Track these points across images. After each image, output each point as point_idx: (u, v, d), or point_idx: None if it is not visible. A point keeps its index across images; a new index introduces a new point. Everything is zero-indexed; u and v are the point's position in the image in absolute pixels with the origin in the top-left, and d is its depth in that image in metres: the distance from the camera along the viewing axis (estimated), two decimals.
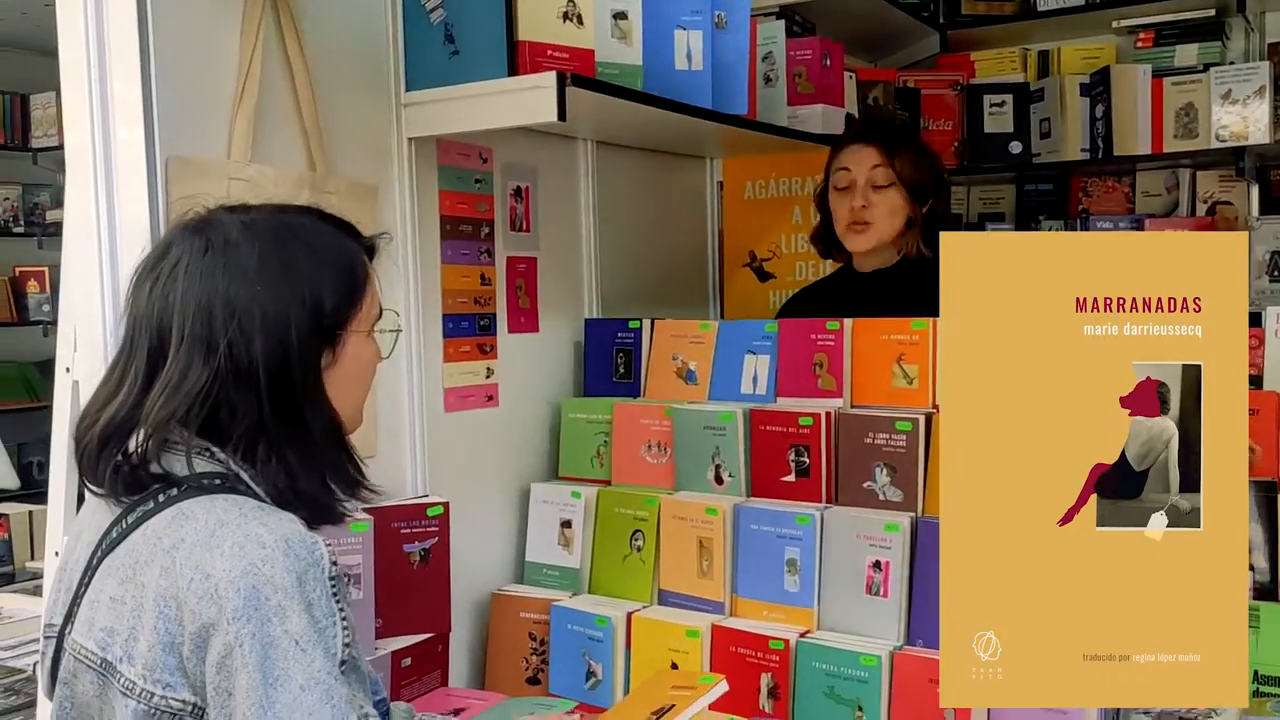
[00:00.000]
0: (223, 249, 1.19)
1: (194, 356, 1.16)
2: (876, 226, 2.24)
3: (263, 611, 1.06)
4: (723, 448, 1.97)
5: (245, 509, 1.13)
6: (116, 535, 1.17)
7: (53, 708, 1.20)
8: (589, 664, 1.91)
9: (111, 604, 1.14)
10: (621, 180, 2.46)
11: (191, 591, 1.08)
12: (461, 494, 1.97)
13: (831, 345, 1.95)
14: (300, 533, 1.12)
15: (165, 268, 1.20)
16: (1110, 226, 3.14)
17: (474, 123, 1.87)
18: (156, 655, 1.09)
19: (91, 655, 1.14)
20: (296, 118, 1.74)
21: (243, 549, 1.08)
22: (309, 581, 1.10)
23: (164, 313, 1.18)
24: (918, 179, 2.24)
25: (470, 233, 2.08)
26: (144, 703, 1.09)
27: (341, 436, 1.26)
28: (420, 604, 1.85)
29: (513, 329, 2.18)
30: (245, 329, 1.16)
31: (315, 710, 1.06)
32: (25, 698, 1.91)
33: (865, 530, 1.78)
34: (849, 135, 2.33)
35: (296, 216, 1.27)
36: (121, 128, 1.56)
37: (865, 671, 1.69)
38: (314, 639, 1.08)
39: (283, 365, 1.18)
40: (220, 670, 1.07)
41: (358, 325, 1.26)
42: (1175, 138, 3.03)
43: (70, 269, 1.62)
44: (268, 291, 1.17)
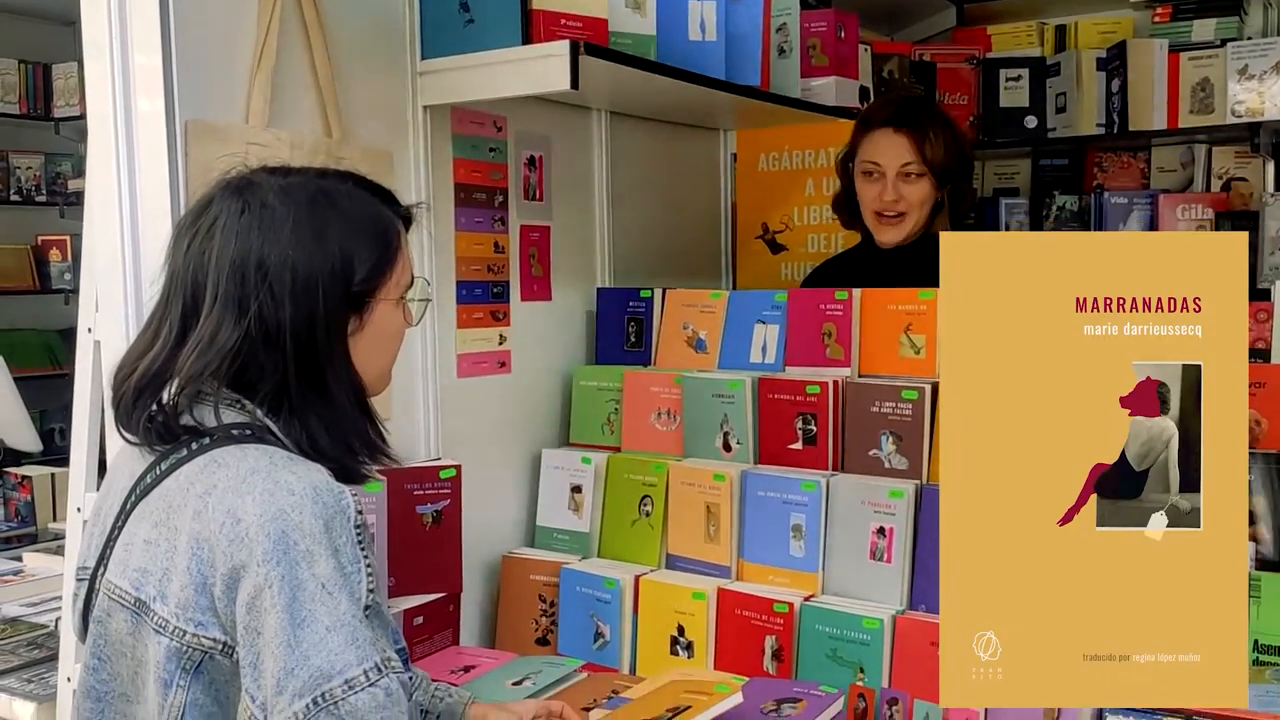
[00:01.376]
0: (259, 211, 1.22)
1: (225, 315, 1.19)
2: (908, 218, 2.23)
3: (291, 555, 1.10)
4: (731, 415, 1.99)
5: (275, 458, 1.17)
6: (150, 481, 1.20)
7: (87, 644, 1.24)
8: (597, 625, 1.95)
9: (145, 546, 1.18)
10: (635, 151, 2.48)
11: (223, 535, 1.12)
12: (474, 458, 2.01)
13: (840, 315, 1.97)
14: (328, 482, 1.15)
15: (204, 224, 1.23)
16: (1125, 202, 3.13)
17: (488, 91, 1.89)
18: (189, 595, 1.13)
19: (125, 594, 1.18)
20: (313, 85, 1.77)
21: (272, 495, 1.12)
22: (336, 528, 1.13)
23: (199, 270, 1.22)
24: (947, 164, 2.22)
25: (484, 201, 2.11)
26: (176, 640, 1.13)
27: (363, 400, 1.29)
28: (432, 564, 1.89)
29: (525, 297, 2.21)
30: (275, 293, 1.19)
31: (340, 651, 1.09)
32: (48, 651, 1.96)
33: (870, 497, 1.80)
34: (879, 119, 2.26)
35: (335, 182, 1.29)
36: (142, 97, 1.59)
37: (868, 634, 1.71)
38: (340, 583, 1.11)
39: (309, 330, 1.21)
40: (250, 611, 1.10)
41: (387, 293, 1.28)
42: (1191, 113, 3.02)
43: (92, 232, 1.65)
44: (300, 255, 1.21)
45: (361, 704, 1.09)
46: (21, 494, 2.83)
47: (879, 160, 2.23)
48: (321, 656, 1.09)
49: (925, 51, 3.31)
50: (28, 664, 1.93)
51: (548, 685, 1.76)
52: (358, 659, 1.10)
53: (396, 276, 1.29)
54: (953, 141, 2.25)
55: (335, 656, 1.09)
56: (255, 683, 1.11)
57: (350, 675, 1.09)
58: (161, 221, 1.57)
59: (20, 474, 2.85)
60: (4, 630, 2.12)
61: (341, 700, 1.09)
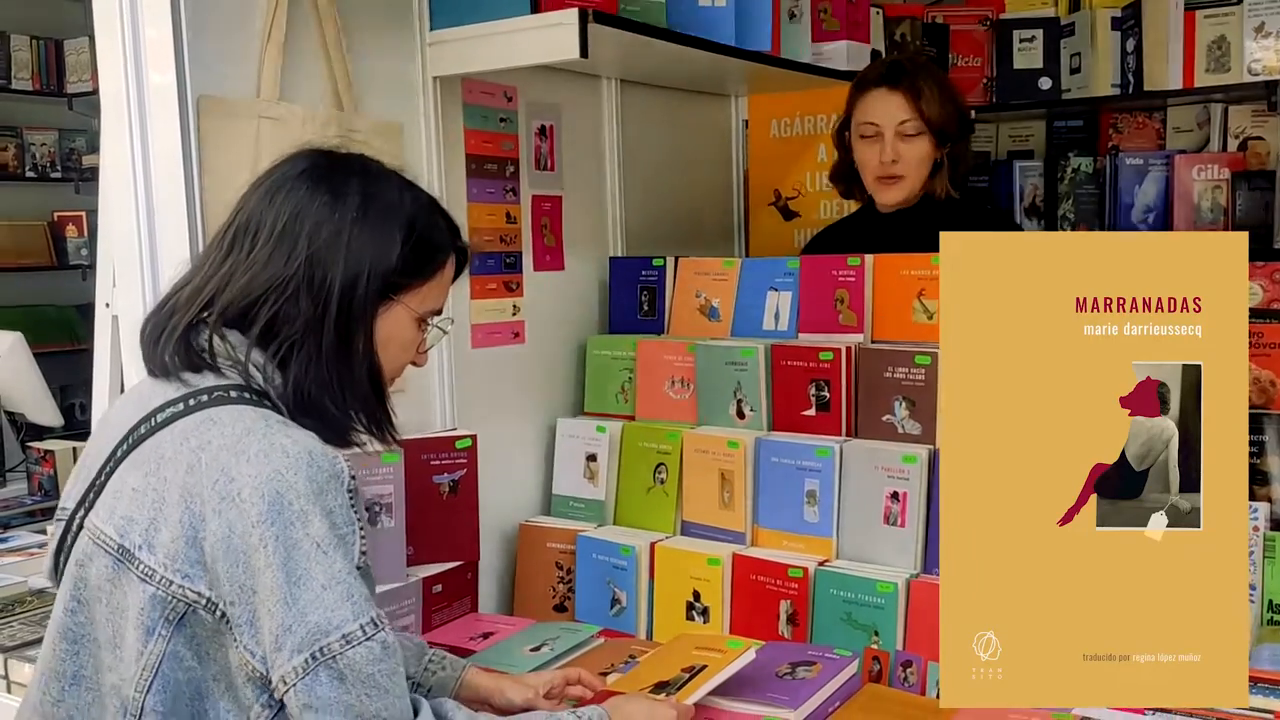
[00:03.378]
0: (337, 181, 1.27)
1: (278, 251, 1.24)
2: (908, 179, 2.21)
3: (285, 516, 1.12)
4: (744, 383, 2.00)
5: (270, 421, 1.19)
6: (145, 431, 1.23)
7: (64, 586, 1.26)
8: (614, 591, 1.97)
9: (134, 494, 1.20)
10: (646, 119, 2.47)
11: (215, 492, 1.14)
12: (489, 428, 2.02)
13: (852, 281, 1.97)
14: (322, 447, 1.18)
15: (277, 177, 1.28)
16: (1140, 162, 3.10)
17: (497, 61, 1.89)
18: (179, 547, 1.15)
19: (109, 540, 1.20)
20: (324, 57, 1.77)
21: (267, 456, 1.14)
22: (329, 492, 1.16)
23: (262, 211, 1.26)
24: (944, 123, 2.20)
25: (495, 171, 2.11)
26: (162, 589, 1.15)
27: (377, 374, 1.31)
28: (449, 533, 1.91)
29: (538, 267, 2.22)
30: (330, 248, 1.24)
31: (336, 606, 1.12)
32: None
33: (884, 462, 1.81)
34: (873, 79, 2.25)
35: (412, 193, 1.34)
36: (154, 71, 1.60)
37: (882, 598, 1.73)
38: (334, 542, 1.14)
39: (351, 288, 1.25)
40: (245, 570, 1.13)
41: (411, 300, 1.31)
42: (1207, 72, 2.97)
43: (108, 208, 1.67)
44: (356, 231, 1.25)
45: (359, 658, 1.12)
46: (44, 468, 2.86)
47: (876, 120, 2.20)
48: (318, 613, 1.11)
49: (938, 14, 3.27)
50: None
51: (565, 651, 1.78)
52: (354, 614, 1.13)
53: (427, 291, 1.33)
54: (949, 99, 2.23)
55: (331, 612, 1.12)
56: (254, 639, 1.14)
57: (347, 630, 1.12)
58: (176, 195, 1.58)
59: (43, 448, 2.88)
60: (31, 602, 2.15)
61: (339, 655, 1.12)
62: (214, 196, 1.59)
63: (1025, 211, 3.24)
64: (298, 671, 1.11)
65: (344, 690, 1.12)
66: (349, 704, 1.12)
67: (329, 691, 1.12)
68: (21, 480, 2.96)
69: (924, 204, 2.26)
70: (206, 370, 1.24)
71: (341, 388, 1.26)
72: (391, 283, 1.29)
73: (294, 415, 1.24)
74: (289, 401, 1.24)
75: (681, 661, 1.57)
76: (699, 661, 1.55)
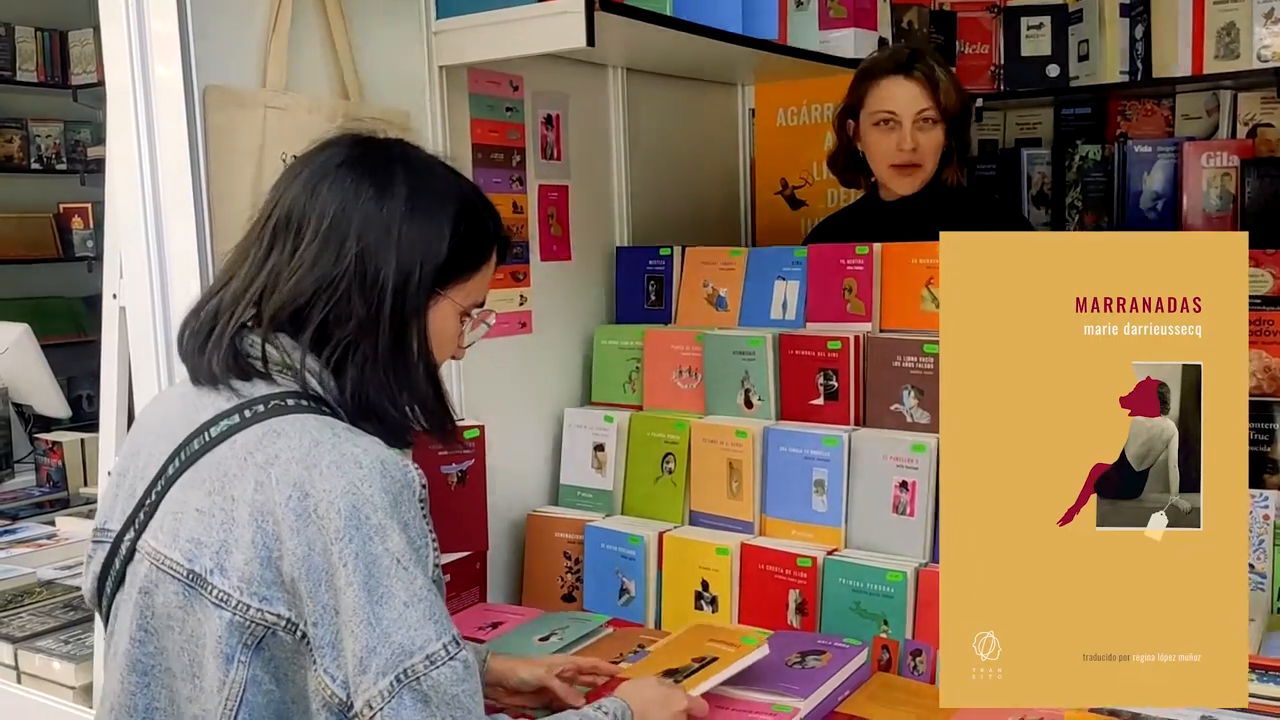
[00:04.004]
0: (379, 176, 1.23)
1: (327, 249, 1.19)
2: (925, 167, 2.20)
3: (364, 531, 1.09)
4: (752, 372, 1.99)
5: (336, 429, 1.15)
6: (199, 446, 1.18)
7: (125, 614, 1.21)
8: (622, 581, 1.97)
9: (199, 516, 1.15)
10: (652, 108, 2.47)
11: (289, 509, 1.10)
12: (497, 418, 2.02)
13: (861, 270, 1.97)
14: (392, 455, 1.14)
15: (318, 166, 1.24)
16: (1149, 150, 3.09)
17: (503, 50, 1.88)
18: (254, 569, 1.11)
19: (177, 566, 1.16)
20: (329, 47, 1.77)
21: (340, 468, 1.11)
22: (403, 502, 1.12)
23: (306, 204, 1.21)
24: (957, 112, 2.19)
25: (502, 161, 2.10)
26: (239, 615, 1.11)
27: (434, 369, 1.28)
28: (458, 523, 1.91)
29: (545, 257, 2.21)
30: (380, 244, 1.20)
31: (419, 626, 1.09)
32: (83, 613, 2.00)
33: (892, 451, 1.80)
34: (888, 66, 2.21)
35: (456, 180, 1.31)
36: (159, 63, 1.60)
37: (891, 587, 1.72)
38: (413, 557, 1.11)
39: (404, 284, 1.21)
40: (327, 589, 1.09)
41: (455, 295, 1.28)
42: (1216, 58, 2.96)
43: (114, 199, 1.67)
44: (404, 226, 1.21)
45: (444, 678, 1.09)
46: (52, 459, 2.86)
47: (894, 109, 2.18)
48: (402, 633, 1.08)
49: (945, 0, 3.26)
50: (64, 625, 1.97)
51: (574, 640, 1.78)
52: (436, 633, 1.10)
53: (472, 285, 1.30)
54: (959, 88, 2.24)
55: (415, 632, 1.09)
56: (335, 662, 1.10)
57: (431, 650, 1.09)
58: (182, 187, 1.58)
59: (51, 440, 2.89)
60: (40, 593, 2.16)
61: (424, 675, 1.08)
62: (221, 187, 1.59)
63: (1033, 200, 3.23)
64: (384, 695, 1.07)
65: (428, 713, 1.08)
66: None
67: (414, 715, 1.08)
68: (30, 471, 2.97)
69: (931, 192, 2.24)
70: (257, 378, 1.20)
71: (400, 388, 1.23)
72: (440, 277, 1.25)
73: (353, 420, 1.20)
74: (347, 406, 1.20)
75: (694, 651, 1.57)
76: (711, 653, 1.55)
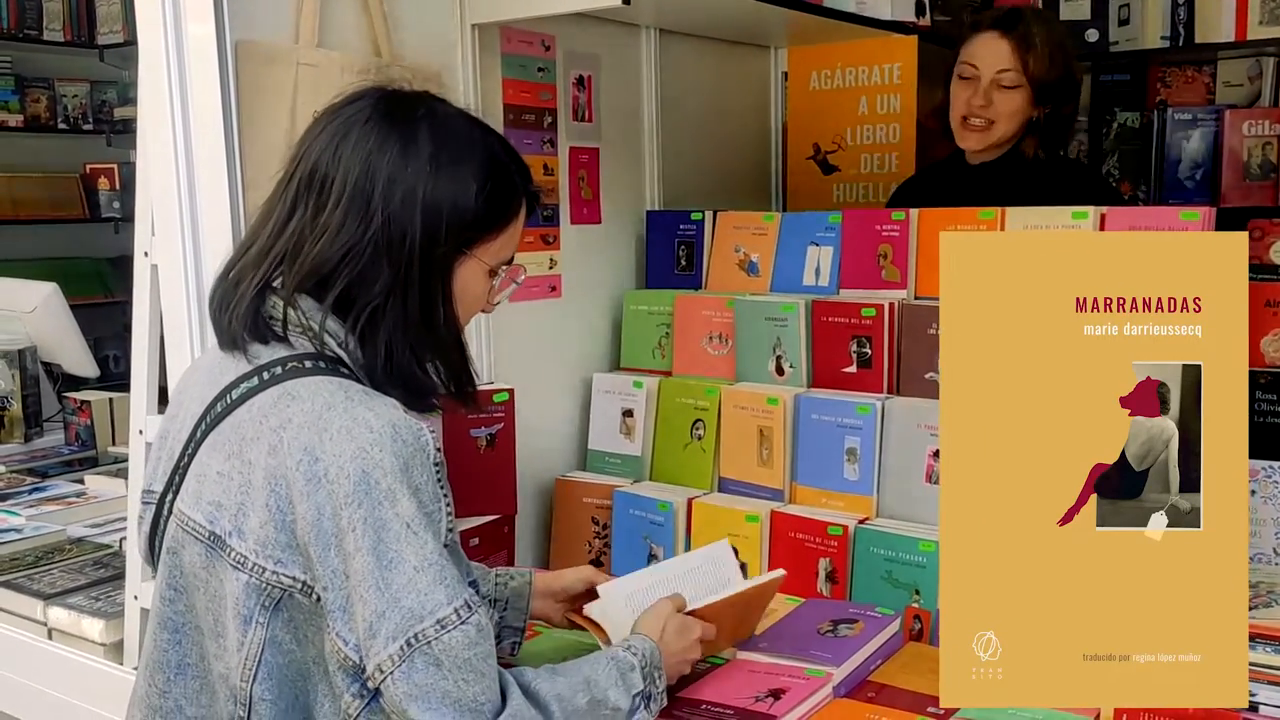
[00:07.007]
0: (403, 131, 1.20)
1: (352, 212, 1.18)
2: (995, 128, 2.15)
3: (374, 495, 1.09)
4: (784, 339, 1.97)
5: (350, 392, 1.15)
6: (221, 410, 1.19)
7: (161, 574, 1.24)
8: (650, 547, 1.96)
9: (219, 478, 1.17)
10: (684, 70, 2.43)
11: (300, 473, 1.10)
12: (526, 383, 2.01)
13: (896, 236, 1.94)
14: (405, 418, 1.14)
15: (341, 119, 1.22)
16: (1189, 118, 3.03)
17: (535, 8, 1.86)
18: (269, 532, 1.12)
19: (199, 528, 1.18)
20: (362, 4, 1.74)
21: (350, 433, 1.10)
22: (415, 466, 1.12)
23: (329, 164, 1.20)
24: (1047, 80, 2.12)
25: (533, 122, 2.08)
26: (256, 577, 1.13)
27: (460, 332, 1.27)
28: (487, 487, 1.90)
29: (575, 220, 2.19)
30: (406, 206, 1.18)
31: (429, 590, 1.09)
32: (113, 570, 2.01)
33: (926, 420, 1.78)
34: (987, 22, 2.18)
35: (482, 133, 1.28)
36: (192, 20, 1.58)
37: (923, 557, 1.71)
38: (424, 522, 1.11)
39: (430, 246, 1.19)
40: (336, 553, 1.09)
41: (483, 253, 1.26)
42: (1260, 24, 2.90)
43: (146, 157, 1.65)
44: (430, 184, 1.19)
45: (455, 642, 1.09)
46: (81, 419, 2.88)
47: (976, 63, 2.14)
48: (412, 597, 1.08)
49: None
50: (94, 582, 1.98)
51: None
52: (447, 597, 1.10)
53: (501, 242, 1.27)
54: (1060, 58, 2.15)
55: (425, 596, 1.09)
56: (347, 626, 1.10)
57: (441, 614, 1.09)
58: (215, 144, 1.56)
59: (79, 399, 2.90)
60: (70, 550, 2.17)
61: (435, 640, 1.08)
62: (253, 145, 1.57)
63: None
64: (394, 659, 1.08)
65: (441, 676, 1.08)
66: (446, 690, 1.09)
67: (426, 678, 1.08)
68: (59, 430, 2.98)
69: (1012, 160, 2.19)
70: (274, 341, 1.20)
71: (425, 351, 1.22)
72: (467, 238, 1.23)
73: (378, 384, 1.19)
74: (374, 371, 1.20)
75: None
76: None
